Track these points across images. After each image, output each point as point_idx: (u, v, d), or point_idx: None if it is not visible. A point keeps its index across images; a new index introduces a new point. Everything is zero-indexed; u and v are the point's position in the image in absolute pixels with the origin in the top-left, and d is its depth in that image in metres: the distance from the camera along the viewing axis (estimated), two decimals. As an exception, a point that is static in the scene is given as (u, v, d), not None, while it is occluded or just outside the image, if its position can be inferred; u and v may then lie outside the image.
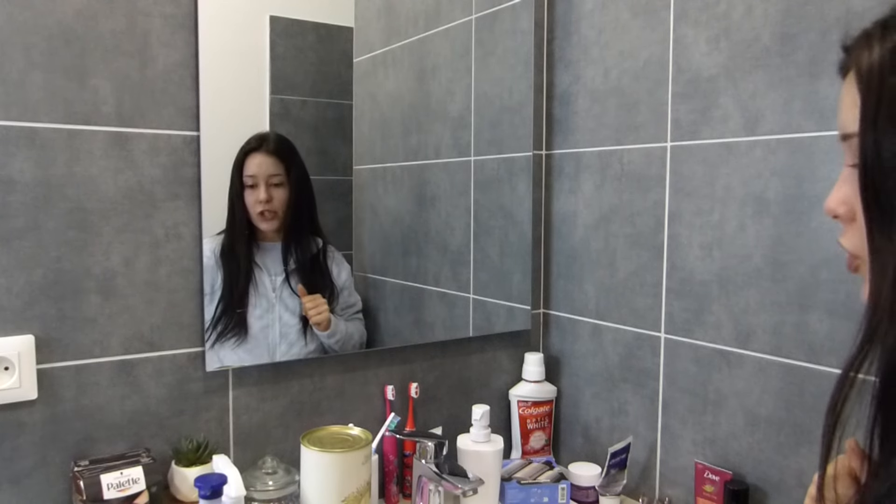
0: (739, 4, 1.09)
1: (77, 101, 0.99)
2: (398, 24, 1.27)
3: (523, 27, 1.40)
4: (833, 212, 0.58)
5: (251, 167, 1.11)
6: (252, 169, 1.11)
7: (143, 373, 1.06)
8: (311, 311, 1.17)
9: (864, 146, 0.51)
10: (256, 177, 1.12)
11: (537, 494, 1.19)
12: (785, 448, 1.06)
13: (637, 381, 1.28)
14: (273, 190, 1.13)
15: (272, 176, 1.13)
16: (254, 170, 1.12)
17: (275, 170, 1.13)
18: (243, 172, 1.11)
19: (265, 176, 1.12)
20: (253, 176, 1.12)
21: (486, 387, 1.41)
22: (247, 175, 1.11)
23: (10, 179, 0.95)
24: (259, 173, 1.12)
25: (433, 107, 1.32)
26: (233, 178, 1.10)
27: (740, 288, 1.10)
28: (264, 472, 1.04)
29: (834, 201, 0.57)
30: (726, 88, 1.11)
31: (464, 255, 1.37)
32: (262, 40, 1.13)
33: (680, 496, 1.21)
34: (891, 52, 0.51)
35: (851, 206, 0.55)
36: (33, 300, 0.98)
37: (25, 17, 0.95)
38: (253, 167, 1.12)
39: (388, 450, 1.22)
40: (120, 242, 1.03)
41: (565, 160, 1.40)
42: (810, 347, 1.02)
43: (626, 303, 1.29)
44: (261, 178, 1.12)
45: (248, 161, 1.11)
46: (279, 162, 1.14)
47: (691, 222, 1.17)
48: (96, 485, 0.93)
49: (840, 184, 0.57)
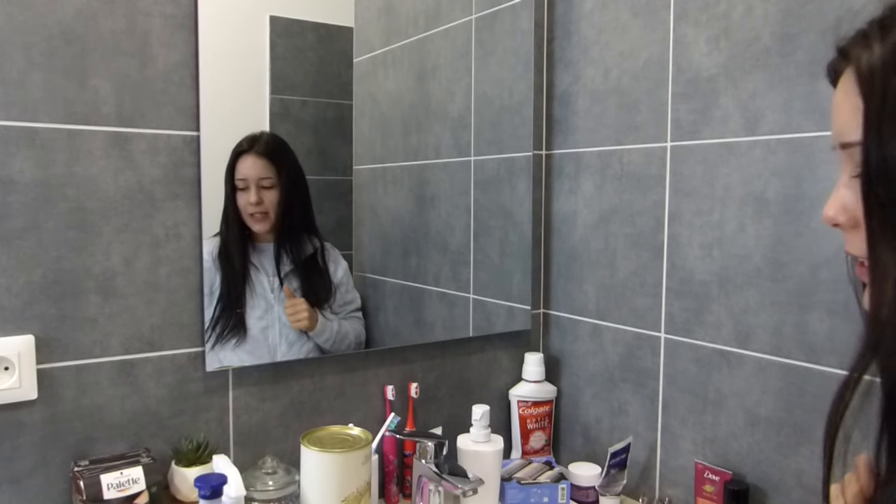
0: (739, 4, 1.09)
1: (77, 101, 0.99)
2: (398, 24, 1.27)
3: (523, 27, 1.40)
4: (833, 220, 0.55)
5: (242, 170, 1.11)
6: (242, 172, 1.11)
7: (143, 373, 1.06)
8: (291, 318, 1.17)
9: (868, 154, 0.48)
10: (247, 179, 1.12)
11: (537, 494, 1.19)
12: (785, 448, 1.06)
13: (637, 381, 1.28)
14: (263, 192, 1.13)
15: (263, 178, 1.13)
16: (244, 172, 1.11)
17: (265, 172, 1.13)
18: (235, 175, 1.11)
19: (256, 178, 1.12)
20: (244, 179, 1.11)
21: (486, 387, 1.41)
22: (238, 178, 1.11)
23: (10, 179, 0.95)
24: (250, 176, 1.12)
25: (433, 107, 1.32)
26: (226, 180, 1.10)
27: (740, 288, 1.10)
28: (264, 472, 1.04)
29: (833, 209, 0.55)
30: (726, 88, 1.11)
31: (464, 255, 1.37)
32: (262, 40, 1.13)
33: (680, 496, 1.21)
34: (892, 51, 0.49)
35: (852, 213, 0.53)
36: (33, 300, 0.98)
37: (25, 17, 0.95)
38: (243, 170, 1.11)
39: (388, 450, 1.22)
40: (120, 242, 1.03)
41: (565, 160, 1.40)
42: (810, 347, 1.02)
43: (626, 303, 1.29)
44: (251, 180, 1.12)
45: (239, 163, 1.11)
46: (270, 164, 1.13)
47: (691, 222, 1.17)
48: (96, 485, 0.93)
49: (838, 191, 0.54)
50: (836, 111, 0.54)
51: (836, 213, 0.54)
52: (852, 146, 0.51)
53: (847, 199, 0.53)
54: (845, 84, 0.52)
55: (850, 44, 0.52)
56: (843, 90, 0.53)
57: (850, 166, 0.52)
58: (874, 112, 0.48)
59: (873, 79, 0.49)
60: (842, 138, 0.53)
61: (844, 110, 0.52)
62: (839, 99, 0.53)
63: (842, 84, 0.53)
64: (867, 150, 0.49)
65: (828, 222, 0.56)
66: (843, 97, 0.52)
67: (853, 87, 0.51)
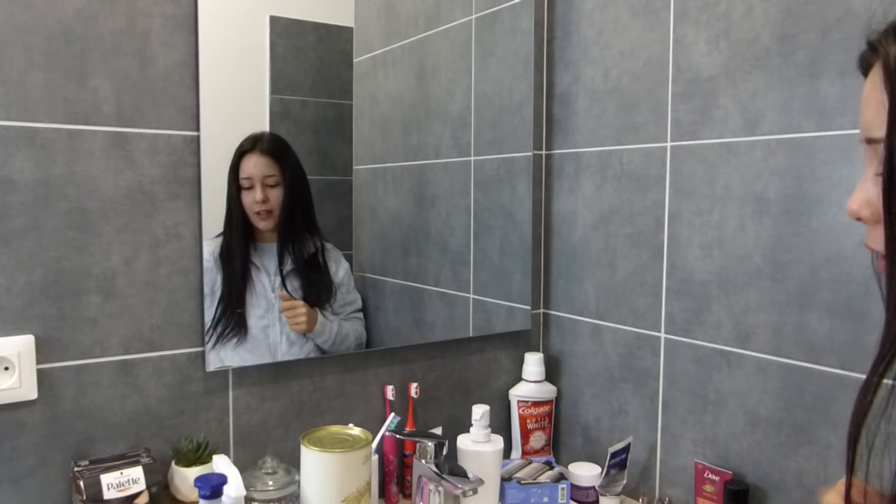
0: (739, 4, 1.09)
1: (77, 101, 0.99)
2: (398, 24, 1.27)
3: (523, 27, 1.40)
4: (856, 214, 0.54)
5: (246, 169, 1.11)
6: (247, 170, 1.12)
7: (143, 373, 1.06)
8: (290, 321, 1.17)
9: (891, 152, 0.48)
10: (252, 178, 1.12)
11: (537, 494, 1.19)
12: (785, 448, 1.06)
13: (637, 381, 1.28)
14: (269, 190, 1.14)
15: (267, 176, 1.13)
16: (249, 171, 1.12)
17: (270, 170, 1.13)
18: (239, 174, 1.11)
19: (261, 177, 1.13)
20: (249, 178, 1.12)
21: (486, 387, 1.41)
22: (243, 177, 1.11)
23: (10, 179, 0.95)
24: (254, 174, 1.12)
25: (433, 107, 1.32)
26: (229, 180, 1.10)
27: (740, 288, 1.10)
28: (264, 472, 1.04)
29: (857, 203, 0.54)
30: (726, 88, 1.11)
31: (464, 255, 1.37)
32: (262, 40, 1.13)
33: (680, 496, 1.21)
34: None
35: (876, 208, 0.52)
36: (33, 300, 0.98)
37: (25, 17, 0.95)
38: (248, 168, 1.12)
39: (388, 450, 1.22)
40: (120, 242, 1.03)
41: (565, 160, 1.40)
42: (810, 347, 1.02)
43: (626, 303, 1.29)
44: (256, 178, 1.12)
45: (244, 162, 1.11)
46: (274, 162, 1.14)
47: (691, 222, 1.17)
48: (96, 485, 0.93)
49: (863, 185, 0.54)
50: (864, 104, 0.53)
51: (860, 207, 0.54)
52: (877, 142, 0.50)
53: (872, 193, 0.53)
54: (874, 77, 0.51)
55: (880, 37, 0.51)
56: (871, 83, 0.52)
57: (876, 161, 0.52)
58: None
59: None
60: (868, 133, 0.52)
61: (872, 105, 0.51)
62: (867, 92, 0.52)
63: (871, 77, 0.52)
64: (890, 147, 0.48)
65: (851, 216, 0.55)
66: (871, 91, 0.51)
67: (880, 81, 0.50)
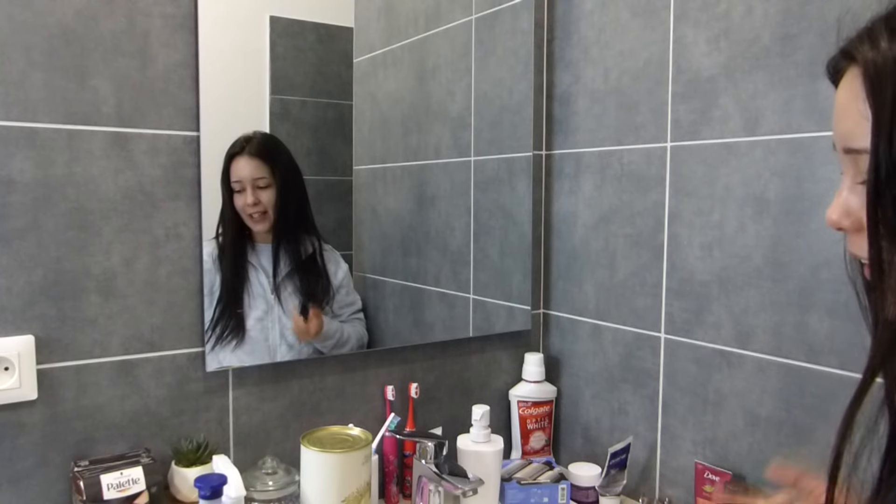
0: (739, 4, 1.09)
1: (77, 101, 0.99)
2: (398, 24, 1.27)
3: (523, 27, 1.40)
4: (836, 224, 0.53)
5: (236, 172, 1.11)
6: (237, 174, 1.11)
7: (143, 373, 1.06)
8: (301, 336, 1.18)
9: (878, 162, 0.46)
10: (242, 181, 1.11)
11: (537, 495, 1.19)
12: (785, 448, 1.05)
13: (637, 382, 1.28)
14: (260, 192, 1.13)
15: (257, 179, 1.13)
16: (238, 174, 1.11)
17: (259, 172, 1.13)
18: (230, 178, 1.11)
19: (250, 179, 1.12)
20: (239, 181, 1.11)
21: (486, 387, 1.41)
22: (233, 181, 1.11)
23: (10, 179, 0.95)
24: (244, 177, 1.12)
25: (433, 107, 1.32)
26: (222, 183, 1.10)
27: (740, 288, 1.10)
28: (264, 473, 1.04)
29: (837, 213, 0.53)
30: (726, 88, 1.11)
31: (464, 256, 1.37)
32: (262, 40, 1.13)
33: (680, 496, 1.20)
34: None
35: (857, 217, 0.51)
36: (33, 300, 0.98)
37: (25, 17, 0.95)
38: (237, 171, 1.11)
39: (388, 450, 1.22)
40: (120, 242, 1.03)
41: (565, 160, 1.40)
42: (810, 347, 1.02)
43: (626, 303, 1.29)
44: (246, 181, 1.12)
45: (233, 166, 1.11)
46: (263, 164, 1.13)
47: (691, 222, 1.17)
48: (96, 485, 0.93)
49: (841, 194, 0.52)
50: (839, 113, 0.51)
51: (840, 217, 0.53)
52: (858, 152, 0.48)
53: (851, 203, 0.52)
54: (850, 85, 0.49)
55: (855, 43, 0.49)
56: (847, 91, 0.50)
57: (854, 171, 0.50)
58: (886, 118, 0.46)
59: (883, 82, 0.46)
60: (846, 143, 0.50)
61: (850, 114, 0.49)
62: (843, 101, 0.50)
63: (846, 84, 0.50)
64: (876, 158, 0.46)
65: (832, 226, 0.54)
66: (848, 99, 0.49)
67: (859, 90, 0.48)
